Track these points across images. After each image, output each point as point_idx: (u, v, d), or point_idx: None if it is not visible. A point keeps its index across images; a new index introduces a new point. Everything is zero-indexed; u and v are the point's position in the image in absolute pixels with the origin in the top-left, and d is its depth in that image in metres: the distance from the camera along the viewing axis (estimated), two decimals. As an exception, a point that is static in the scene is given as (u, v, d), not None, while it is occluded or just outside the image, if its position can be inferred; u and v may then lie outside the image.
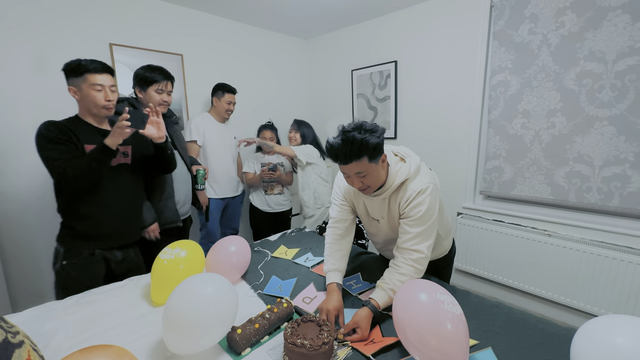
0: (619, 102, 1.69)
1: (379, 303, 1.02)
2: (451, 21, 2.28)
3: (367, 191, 1.09)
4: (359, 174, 1.03)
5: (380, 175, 1.06)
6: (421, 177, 1.10)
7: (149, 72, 1.55)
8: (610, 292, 1.77)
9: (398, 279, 1.04)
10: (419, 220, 1.06)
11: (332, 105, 3.29)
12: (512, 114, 2.06)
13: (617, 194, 1.75)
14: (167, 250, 1.19)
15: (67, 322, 1.01)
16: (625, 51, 1.64)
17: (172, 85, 1.62)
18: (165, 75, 1.58)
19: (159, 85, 1.56)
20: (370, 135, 0.98)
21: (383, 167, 1.07)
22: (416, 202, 1.06)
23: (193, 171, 1.81)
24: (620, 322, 0.69)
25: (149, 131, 1.29)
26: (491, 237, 2.21)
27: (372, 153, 0.98)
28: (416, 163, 1.11)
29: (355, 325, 0.96)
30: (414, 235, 1.06)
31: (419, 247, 1.06)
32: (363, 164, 1.00)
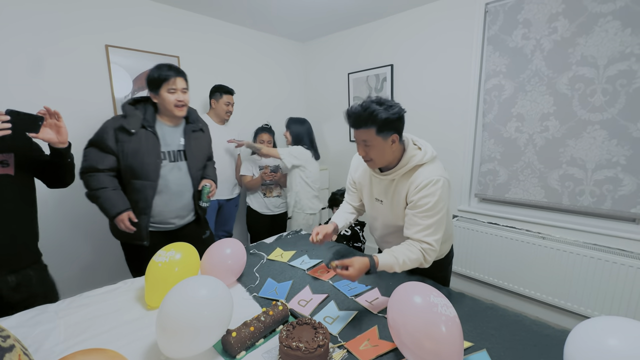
0: (610, 107, 1.72)
1: (380, 262, 1.07)
2: (446, 26, 2.31)
3: (370, 165, 1.16)
4: (364, 142, 1.09)
5: (385, 153, 1.11)
6: (435, 168, 1.13)
7: (156, 71, 1.45)
8: (603, 294, 1.79)
9: (407, 256, 1.08)
10: (428, 212, 1.09)
11: (328, 108, 3.30)
12: (507, 117, 2.08)
13: (609, 197, 1.77)
14: (162, 253, 1.18)
15: (58, 326, 0.99)
16: (616, 56, 1.67)
17: (185, 82, 1.49)
18: (174, 72, 1.45)
19: (169, 84, 1.44)
20: (385, 110, 1.04)
21: (391, 148, 1.10)
22: (426, 192, 1.08)
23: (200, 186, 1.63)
24: (612, 324, 0.69)
25: (47, 135, 1.12)
26: (486, 239, 2.22)
27: (380, 126, 1.04)
28: (432, 154, 1.15)
29: (350, 264, 1.02)
30: (423, 227, 1.09)
31: (428, 239, 1.09)
32: (370, 134, 1.06)
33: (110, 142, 1.42)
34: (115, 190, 1.45)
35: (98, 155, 1.43)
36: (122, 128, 1.42)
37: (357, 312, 1.09)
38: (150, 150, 1.46)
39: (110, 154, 1.43)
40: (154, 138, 1.47)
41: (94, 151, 1.44)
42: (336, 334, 0.98)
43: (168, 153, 1.53)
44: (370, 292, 1.22)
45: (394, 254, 1.10)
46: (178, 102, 1.47)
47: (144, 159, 1.44)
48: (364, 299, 1.17)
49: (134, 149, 1.43)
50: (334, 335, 0.98)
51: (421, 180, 1.10)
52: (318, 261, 1.49)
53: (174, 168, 1.54)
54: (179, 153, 1.56)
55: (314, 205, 2.37)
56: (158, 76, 1.44)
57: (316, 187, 2.37)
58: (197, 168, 1.63)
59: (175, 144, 1.55)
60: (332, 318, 1.07)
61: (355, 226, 1.91)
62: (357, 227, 1.92)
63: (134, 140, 1.43)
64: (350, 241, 1.90)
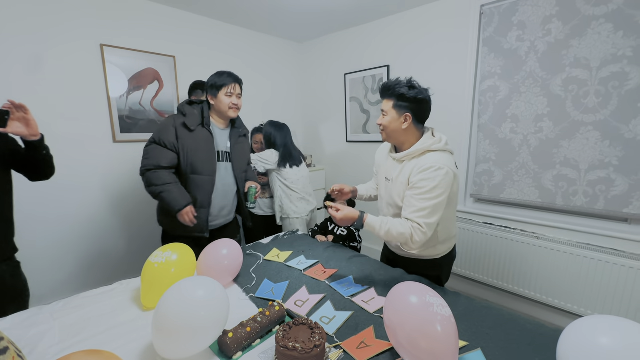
0: (603, 108, 1.74)
1: (367, 219, 1.17)
2: (442, 27, 2.33)
3: (383, 135, 1.28)
4: (383, 112, 1.24)
5: (395, 127, 1.22)
6: (443, 157, 1.17)
7: (218, 77, 1.57)
8: (596, 293, 1.82)
9: (394, 226, 1.15)
10: (424, 195, 1.13)
11: (325, 108, 3.31)
12: (502, 118, 2.10)
13: (602, 197, 1.80)
14: (158, 254, 1.18)
15: (53, 327, 0.99)
16: (609, 59, 1.69)
17: (240, 89, 1.61)
18: (233, 79, 1.58)
19: (228, 88, 1.55)
20: (407, 89, 1.18)
21: (402, 125, 1.21)
22: (426, 176, 1.13)
23: (245, 188, 1.74)
24: (604, 323, 0.71)
25: (16, 129, 1.12)
26: (481, 239, 2.24)
27: (397, 99, 1.19)
28: (445, 145, 1.22)
29: (341, 208, 1.18)
30: (418, 209, 1.14)
31: (420, 220, 1.13)
32: (388, 105, 1.22)
33: (172, 139, 1.50)
34: (178, 185, 1.52)
35: (160, 152, 1.50)
36: (184, 125, 1.51)
37: (354, 312, 1.10)
38: (209, 148, 1.56)
39: (172, 151, 1.51)
40: (210, 136, 1.57)
41: (157, 149, 1.51)
42: (332, 334, 0.99)
43: (218, 152, 1.63)
44: (367, 292, 1.23)
45: (383, 219, 1.17)
46: (233, 104, 1.58)
47: (204, 155, 1.55)
48: (360, 299, 1.18)
49: (194, 146, 1.52)
50: (330, 336, 0.98)
51: (424, 164, 1.15)
52: (315, 261, 1.49)
53: (222, 168, 1.64)
54: (226, 154, 1.67)
55: (299, 208, 2.29)
56: (220, 81, 1.55)
57: (299, 189, 2.28)
58: (241, 170, 1.74)
59: (223, 145, 1.66)
60: (328, 318, 1.07)
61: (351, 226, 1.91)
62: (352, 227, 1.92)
63: (193, 138, 1.52)
64: (346, 241, 1.91)
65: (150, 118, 2.32)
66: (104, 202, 2.18)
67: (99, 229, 2.18)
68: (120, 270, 2.27)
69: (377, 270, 1.40)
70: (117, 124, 2.17)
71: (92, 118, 2.08)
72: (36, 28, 1.82)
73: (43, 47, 1.86)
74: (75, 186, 2.05)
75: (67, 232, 2.04)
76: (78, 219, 2.08)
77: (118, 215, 2.25)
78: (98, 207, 2.15)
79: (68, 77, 1.96)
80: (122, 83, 2.17)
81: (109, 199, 2.20)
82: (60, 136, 1.96)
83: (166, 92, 2.38)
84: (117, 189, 2.23)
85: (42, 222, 1.94)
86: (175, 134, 1.51)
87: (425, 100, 1.20)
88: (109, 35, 2.08)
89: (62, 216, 2.01)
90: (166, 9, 2.34)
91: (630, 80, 1.65)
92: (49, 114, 1.91)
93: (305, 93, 3.49)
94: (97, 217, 2.16)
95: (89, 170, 2.09)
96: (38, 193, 1.91)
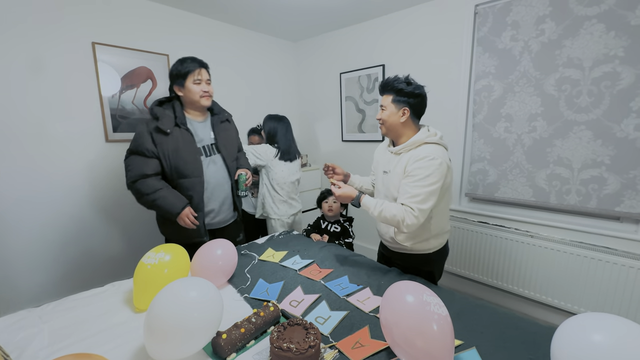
0: (595, 108, 1.76)
1: (364, 198, 1.27)
2: (437, 27, 2.33)
3: (382, 129, 1.36)
4: (382, 107, 1.33)
5: (394, 121, 1.30)
6: (438, 150, 1.25)
7: (180, 64, 1.47)
8: (589, 290, 1.84)
9: (387, 208, 1.22)
10: (418, 182, 1.20)
11: (320, 107, 3.30)
12: (496, 117, 2.11)
13: (595, 195, 1.82)
14: (151, 255, 1.16)
15: (43, 330, 0.97)
16: (601, 58, 1.71)
17: (208, 73, 1.52)
18: (198, 63, 1.48)
19: (194, 75, 1.46)
20: (405, 84, 1.28)
21: (400, 119, 1.29)
22: (421, 165, 1.21)
23: (235, 175, 1.66)
24: (597, 320, 0.71)
25: None
26: (476, 238, 2.25)
27: (396, 93, 1.29)
28: (439, 138, 1.30)
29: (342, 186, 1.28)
30: (411, 195, 1.20)
31: (413, 205, 1.19)
32: (387, 99, 1.31)
33: (150, 146, 1.43)
34: (170, 189, 1.47)
35: (142, 161, 1.43)
36: (158, 129, 1.43)
37: (349, 312, 1.09)
38: (190, 148, 1.48)
39: (153, 158, 1.44)
40: (188, 135, 1.50)
41: (137, 159, 1.44)
42: (327, 334, 0.98)
43: (202, 148, 1.55)
44: (362, 292, 1.22)
45: (378, 201, 1.26)
46: (204, 92, 1.50)
47: (186, 157, 1.47)
48: (356, 299, 1.17)
49: (173, 149, 1.45)
50: (325, 336, 0.98)
51: (419, 154, 1.23)
52: (310, 261, 1.49)
53: (210, 162, 1.56)
54: (212, 147, 1.59)
55: (280, 210, 2.18)
56: (184, 68, 1.45)
57: (284, 192, 2.17)
58: (232, 159, 1.66)
59: (207, 138, 1.58)
60: (323, 318, 1.07)
61: (344, 222, 1.91)
62: (346, 223, 1.92)
63: (171, 140, 1.45)
64: (340, 237, 1.90)
65: (144, 117, 2.29)
66: (96, 201, 2.15)
67: (91, 229, 2.14)
68: (113, 272, 2.24)
69: (373, 270, 1.40)
70: (110, 123, 2.14)
71: (84, 117, 2.04)
72: (25, 26, 1.79)
73: (33, 45, 1.82)
74: (67, 185, 2.01)
75: (58, 233, 2.00)
76: (69, 219, 2.04)
77: (110, 216, 2.22)
78: (90, 206, 2.12)
79: (59, 75, 1.92)
80: (114, 82, 2.13)
81: (101, 199, 2.16)
82: (51, 135, 1.92)
83: (159, 91, 2.35)
84: (110, 189, 2.20)
85: (32, 222, 1.90)
86: (152, 140, 1.43)
87: (421, 95, 1.30)
88: (100, 33, 2.05)
89: (53, 216, 1.98)
90: (159, 7, 2.32)
91: (622, 80, 1.67)
92: (39, 113, 1.87)
93: (301, 92, 3.48)
94: (89, 217, 2.12)
95: (81, 169, 2.06)
96: (28, 192, 1.87)
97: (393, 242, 1.42)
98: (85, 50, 2.00)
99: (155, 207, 1.45)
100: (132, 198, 2.27)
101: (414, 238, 1.35)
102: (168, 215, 1.45)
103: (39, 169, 1.90)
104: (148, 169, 1.43)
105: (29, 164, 1.86)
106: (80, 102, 2.02)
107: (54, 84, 1.91)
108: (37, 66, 1.85)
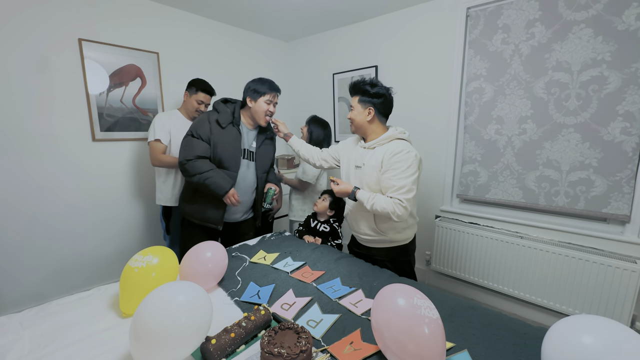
0: (583, 111, 1.79)
1: (359, 192, 1.39)
2: (429, 29, 2.35)
3: (352, 128, 1.50)
4: (351, 107, 1.47)
5: (361, 119, 1.43)
6: (409, 145, 1.38)
7: (261, 84, 1.67)
8: (576, 290, 1.87)
9: (379, 201, 1.33)
10: (400, 175, 1.31)
11: (313, 108, 3.28)
12: (487, 120, 2.13)
13: (583, 197, 1.85)
14: (138, 258, 1.13)
15: (23, 337, 0.93)
16: (589, 62, 1.74)
17: (277, 98, 1.72)
18: (275, 89, 1.69)
19: (269, 97, 1.66)
20: (370, 85, 1.40)
21: (366, 117, 1.42)
22: (399, 158, 1.32)
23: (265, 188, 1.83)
24: (588, 322, 0.71)
25: None
26: (467, 239, 2.27)
27: (361, 94, 1.42)
28: (406, 135, 1.44)
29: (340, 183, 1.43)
30: (397, 188, 1.31)
31: (400, 196, 1.30)
32: (354, 100, 1.45)
33: (206, 133, 1.63)
34: (218, 171, 1.64)
35: (197, 143, 1.62)
36: (217, 121, 1.64)
37: (341, 315, 1.08)
38: (235, 145, 1.67)
39: (206, 143, 1.63)
40: (238, 134, 1.68)
41: (193, 141, 1.63)
42: (319, 338, 0.97)
43: (244, 150, 1.73)
44: (354, 294, 1.21)
45: (371, 195, 1.36)
46: (270, 112, 1.70)
47: (231, 152, 1.66)
48: (348, 301, 1.16)
49: (223, 142, 1.64)
50: (317, 339, 0.96)
51: (395, 148, 1.35)
52: (302, 263, 1.47)
53: (245, 165, 1.74)
54: (251, 153, 1.76)
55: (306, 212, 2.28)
56: (264, 89, 1.66)
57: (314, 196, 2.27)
58: (263, 171, 1.83)
59: (249, 144, 1.75)
60: (315, 321, 1.05)
61: (334, 223, 1.91)
62: (335, 224, 1.91)
63: (223, 134, 1.64)
64: (329, 237, 1.90)
65: (132, 116, 2.24)
66: (81, 203, 2.09)
67: (76, 231, 2.08)
68: (98, 275, 2.18)
69: (365, 272, 1.39)
70: (97, 122, 2.09)
71: (69, 115, 1.99)
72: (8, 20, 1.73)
73: (16, 41, 1.76)
74: (50, 186, 1.95)
75: (41, 235, 1.94)
76: (53, 220, 1.98)
77: (96, 217, 2.16)
78: (75, 208, 2.06)
79: (43, 72, 1.86)
80: (102, 79, 2.08)
81: (86, 200, 2.11)
82: (35, 134, 1.87)
83: (149, 89, 2.31)
84: (97, 189, 2.14)
85: (14, 223, 1.84)
86: (209, 129, 1.62)
87: (384, 95, 1.41)
88: (87, 29, 2.00)
89: (37, 217, 1.92)
90: (149, 3, 2.27)
91: (609, 84, 1.70)
92: (23, 111, 1.82)
93: (293, 92, 3.46)
94: (74, 218, 2.07)
95: (66, 169, 2.00)
96: (11, 192, 1.81)
97: (374, 235, 1.51)
98: (71, 46, 1.95)
99: (204, 185, 1.61)
100: (120, 199, 2.25)
101: (394, 228, 1.48)
102: (215, 194, 1.62)
103: (22, 168, 1.84)
104: (200, 151, 1.61)
105: (12, 163, 1.80)
106: (66, 100, 1.96)
107: (39, 80, 1.85)
108: (21, 62, 1.79)
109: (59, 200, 1.99)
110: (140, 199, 2.36)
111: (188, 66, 2.52)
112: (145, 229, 2.41)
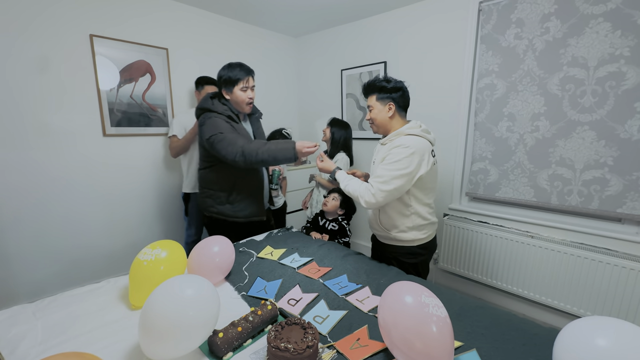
0: (599, 108, 1.74)
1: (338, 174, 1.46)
2: (440, 24, 2.30)
3: (373, 128, 1.46)
4: (369, 107, 1.43)
5: (383, 117, 1.39)
6: (414, 140, 1.32)
7: (230, 70, 1.55)
8: (589, 292, 1.83)
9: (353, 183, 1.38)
10: (386, 166, 1.31)
11: (321, 104, 3.27)
12: (498, 117, 2.09)
13: (597, 197, 1.80)
14: (147, 251, 1.14)
15: (36, 327, 0.95)
16: (606, 58, 1.69)
17: (253, 80, 1.60)
18: (246, 71, 1.56)
19: (243, 82, 1.55)
20: (385, 82, 1.38)
21: (387, 114, 1.38)
22: (395, 152, 1.30)
23: (269, 170, 1.86)
24: (602, 324, 0.69)
25: None
26: (476, 238, 2.24)
27: (378, 92, 1.38)
28: (420, 129, 1.36)
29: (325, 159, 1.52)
30: (376, 175, 1.33)
31: (375, 183, 1.31)
32: (372, 99, 1.41)
33: (230, 127, 1.54)
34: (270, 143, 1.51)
35: (233, 134, 1.51)
36: (230, 117, 1.57)
37: (348, 312, 1.08)
38: (249, 137, 1.62)
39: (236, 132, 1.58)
40: (244, 129, 1.63)
41: (230, 135, 1.50)
42: (326, 334, 0.97)
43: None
44: (361, 291, 1.21)
45: (347, 177, 1.42)
46: (249, 99, 1.59)
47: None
48: (355, 298, 1.16)
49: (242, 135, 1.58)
50: (323, 335, 0.96)
51: (396, 142, 1.33)
52: (309, 259, 1.47)
53: None
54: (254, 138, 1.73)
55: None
56: (234, 76, 1.54)
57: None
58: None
59: (249, 131, 1.73)
60: (322, 317, 1.05)
61: (342, 221, 1.90)
62: (344, 222, 1.91)
63: (239, 129, 1.59)
64: (337, 236, 1.89)
65: (142, 112, 2.27)
66: (93, 196, 2.13)
67: (87, 225, 2.12)
68: (109, 268, 2.23)
69: (372, 269, 1.38)
70: (107, 117, 2.11)
71: (81, 111, 2.02)
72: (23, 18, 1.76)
73: (30, 38, 1.79)
74: (63, 180, 1.99)
75: (54, 228, 1.99)
76: (65, 214, 2.02)
77: (107, 211, 2.20)
78: (86, 202, 2.10)
79: (56, 68, 1.89)
80: (112, 75, 2.11)
81: (98, 194, 2.14)
82: (48, 129, 1.90)
83: (158, 85, 2.33)
84: (108, 184, 2.18)
85: (28, 217, 1.89)
86: (230, 124, 1.55)
87: (402, 89, 1.39)
88: (98, 25, 2.02)
89: (49, 211, 1.96)
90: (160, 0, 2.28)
91: (627, 80, 1.65)
92: (36, 107, 1.85)
93: (301, 88, 3.45)
94: (85, 212, 2.11)
95: (78, 164, 2.04)
96: (26, 185, 1.85)
97: (380, 230, 1.51)
98: (83, 42, 1.97)
99: (271, 157, 1.46)
100: (130, 193, 2.28)
101: (397, 227, 1.45)
102: (286, 159, 1.48)
103: (35, 163, 1.88)
104: (242, 137, 1.52)
105: (26, 158, 1.84)
106: (77, 95, 1.99)
107: (51, 77, 1.89)
108: (34, 59, 1.82)
109: (72, 195, 2.03)
110: (150, 193, 2.39)
111: (197, 62, 2.53)
112: (155, 223, 2.45)
